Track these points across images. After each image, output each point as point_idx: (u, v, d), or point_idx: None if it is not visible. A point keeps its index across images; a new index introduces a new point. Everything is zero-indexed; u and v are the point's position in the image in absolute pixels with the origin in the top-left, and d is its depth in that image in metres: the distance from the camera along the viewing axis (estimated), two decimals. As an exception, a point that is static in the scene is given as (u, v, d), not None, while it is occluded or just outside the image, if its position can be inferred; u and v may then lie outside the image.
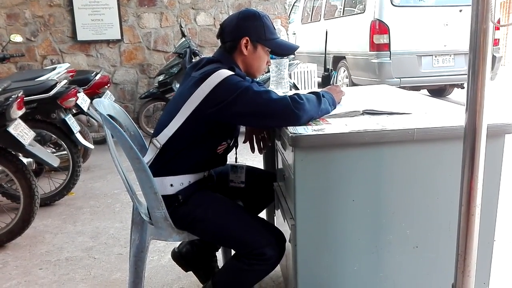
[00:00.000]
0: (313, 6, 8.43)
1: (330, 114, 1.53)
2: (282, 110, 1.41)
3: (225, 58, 1.60)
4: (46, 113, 3.33)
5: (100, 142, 4.56)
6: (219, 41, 1.66)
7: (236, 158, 1.79)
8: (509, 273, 2.09)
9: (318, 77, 6.16)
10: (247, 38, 1.58)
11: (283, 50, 1.69)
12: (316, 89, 2.10)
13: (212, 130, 1.55)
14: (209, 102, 1.47)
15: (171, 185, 1.58)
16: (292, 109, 1.40)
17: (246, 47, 1.59)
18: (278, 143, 1.69)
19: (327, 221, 1.35)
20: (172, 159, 1.58)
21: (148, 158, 1.59)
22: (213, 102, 1.46)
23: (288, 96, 1.44)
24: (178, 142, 1.56)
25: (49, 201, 3.26)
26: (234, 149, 1.75)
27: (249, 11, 1.64)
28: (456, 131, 1.25)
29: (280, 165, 1.71)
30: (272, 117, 1.44)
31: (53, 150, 3.48)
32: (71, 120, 3.35)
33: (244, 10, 1.66)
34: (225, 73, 1.48)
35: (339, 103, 1.67)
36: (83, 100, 3.68)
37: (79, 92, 3.56)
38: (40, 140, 3.29)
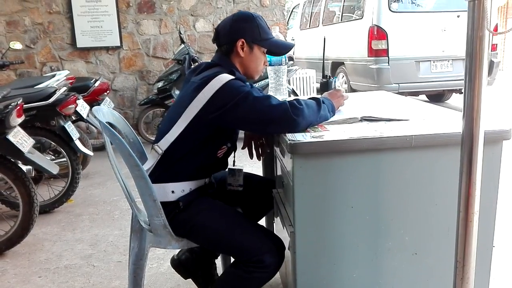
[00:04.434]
0: (311, 12, 8.47)
1: (328, 120, 1.53)
2: (281, 115, 1.42)
3: (224, 61, 1.61)
4: (45, 120, 3.33)
5: (100, 149, 4.56)
6: (215, 45, 1.67)
7: (234, 161, 1.79)
8: (508, 278, 2.08)
9: (317, 82, 6.18)
10: (242, 40, 1.59)
11: (279, 49, 1.70)
12: (315, 95, 2.10)
13: (213, 134, 1.56)
14: (210, 107, 1.47)
15: (172, 191, 1.58)
16: (291, 115, 1.40)
17: (243, 48, 1.60)
18: (277, 150, 1.70)
19: (326, 228, 1.35)
20: (174, 165, 1.58)
21: (149, 164, 1.59)
22: (215, 107, 1.47)
23: (288, 101, 1.45)
24: (180, 148, 1.56)
25: (48, 208, 3.25)
26: (232, 152, 1.75)
27: (242, 13, 1.65)
28: (453, 138, 1.26)
29: (279, 172, 1.72)
30: (271, 122, 1.44)
31: (53, 157, 3.49)
32: (70, 127, 3.36)
33: (237, 12, 1.67)
34: (225, 77, 1.48)
35: (339, 108, 1.67)
36: (82, 107, 3.68)
37: (78, 99, 3.57)
38: (40, 147, 3.30)
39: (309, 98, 1.54)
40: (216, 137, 1.58)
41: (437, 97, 7.09)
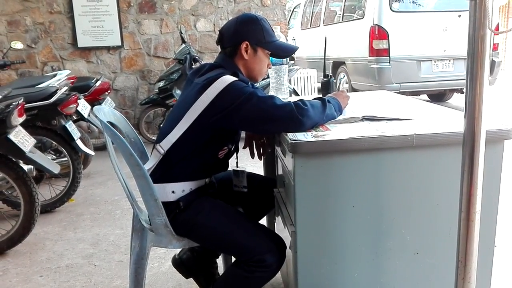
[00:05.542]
0: (312, 12, 8.46)
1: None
2: (286, 116, 1.42)
3: (228, 63, 1.61)
4: (46, 120, 3.33)
5: (101, 148, 4.56)
6: (219, 47, 1.67)
7: (237, 162, 1.79)
8: (510, 278, 2.08)
9: (318, 82, 6.18)
10: (246, 42, 1.59)
11: (283, 52, 1.70)
12: (316, 94, 2.10)
13: (215, 135, 1.56)
14: (214, 109, 1.47)
15: (173, 191, 1.58)
16: (296, 115, 1.40)
17: (246, 51, 1.60)
18: (278, 149, 1.70)
19: (327, 227, 1.35)
20: (175, 165, 1.58)
21: (150, 164, 1.60)
22: (218, 108, 1.47)
23: (292, 102, 1.45)
24: (182, 148, 1.56)
25: (50, 207, 3.26)
26: (235, 153, 1.75)
27: (246, 15, 1.65)
28: (455, 137, 1.25)
29: (280, 171, 1.72)
30: (276, 123, 1.44)
31: (54, 156, 3.48)
32: (71, 127, 3.36)
33: (242, 14, 1.66)
34: (229, 79, 1.48)
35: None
36: (83, 106, 3.69)
37: (79, 99, 3.58)
38: (41, 147, 3.30)
39: (315, 99, 1.54)
40: (218, 138, 1.58)
41: (438, 96, 7.08)
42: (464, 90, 0.98)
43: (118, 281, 2.25)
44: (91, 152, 3.63)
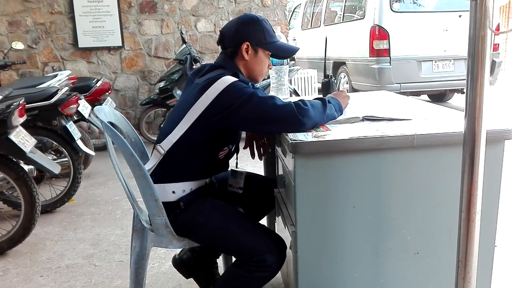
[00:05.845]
0: (313, 12, 8.46)
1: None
2: (287, 116, 1.42)
3: (228, 63, 1.61)
4: (47, 120, 3.34)
5: (101, 148, 4.56)
6: (219, 47, 1.67)
7: (236, 163, 1.80)
8: (510, 278, 2.08)
9: (318, 82, 6.17)
10: (247, 43, 1.59)
11: (283, 53, 1.70)
12: (316, 95, 2.10)
13: (215, 136, 1.56)
14: (214, 109, 1.47)
15: (173, 192, 1.58)
16: (297, 115, 1.41)
17: (247, 52, 1.60)
18: (279, 150, 1.70)
19: (327, 227, 1.35)
20: (176, 165, 1.58)
21: (151, 164, 1.60)
22: (219, 109, 1.47)
23: (293, 102, 1.45)
24: (182, 149, 1.56)
25: (50, 208, 3.26)
26: (235, 154, 1.75)
27: (247, 16, 1.65)
28: (456, 137, 1.25)
29: (280, 172, 1.72)
30: (277, 123, 1.45)
31: (54, 157, 3.49)
32: (72, 127, 3.36)
33: (243, 15, 1.66)
34: (229, 79, 1.48)
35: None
36: (84, 107, 3.69)
37: (80, 99, 3.58)
38: (41, 147, 3.30)
39: (315, 99, 1.54)
40: (219, 138, 1.58)
41: (438, 97, 7.08)
42: (465, 90, 0.98)
43: (119, 281, 2.25)
44: (92, 153, 3.63)
